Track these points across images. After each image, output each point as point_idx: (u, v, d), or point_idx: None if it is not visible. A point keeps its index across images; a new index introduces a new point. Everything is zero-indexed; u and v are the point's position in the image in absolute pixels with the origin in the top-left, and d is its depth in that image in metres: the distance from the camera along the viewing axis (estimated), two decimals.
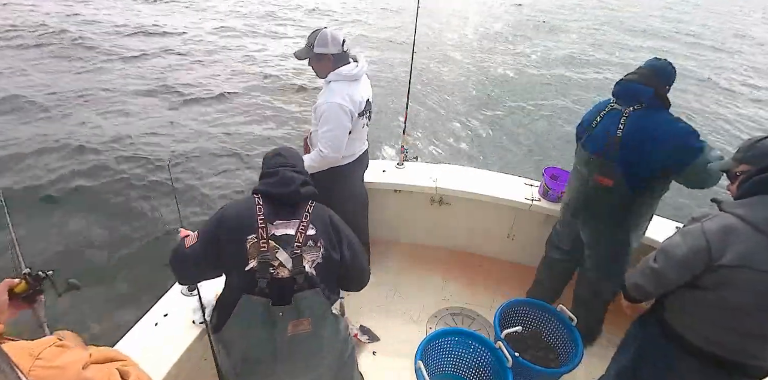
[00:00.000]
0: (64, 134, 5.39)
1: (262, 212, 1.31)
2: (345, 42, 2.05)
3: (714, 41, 14.43)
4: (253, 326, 1.30)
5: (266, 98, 7.34)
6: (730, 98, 9.06)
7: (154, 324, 1.67)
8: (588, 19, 16.32)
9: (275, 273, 1.28)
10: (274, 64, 9.03)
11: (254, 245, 1.27)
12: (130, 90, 6.97)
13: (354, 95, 2.04)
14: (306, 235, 1.31)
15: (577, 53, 11.50)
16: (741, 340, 1.28)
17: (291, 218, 1.33)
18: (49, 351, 0.72)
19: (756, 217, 1.17)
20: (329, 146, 2.03)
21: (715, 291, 1.24)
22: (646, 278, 1.39)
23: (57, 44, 8.74)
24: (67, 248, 3.70)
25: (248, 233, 1.28)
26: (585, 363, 1.82)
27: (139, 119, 6.15)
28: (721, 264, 1.19)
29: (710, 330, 1.31)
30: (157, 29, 10.64)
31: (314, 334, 1.33)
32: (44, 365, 0.69)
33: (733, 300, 1.22)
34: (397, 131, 3.01)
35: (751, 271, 1.16)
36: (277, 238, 1.29)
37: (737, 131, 7.39)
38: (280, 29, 12.10)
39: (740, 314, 1.23)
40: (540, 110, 7.61)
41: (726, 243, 1.19)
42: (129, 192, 4.53)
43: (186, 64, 8.52)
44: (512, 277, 2.73)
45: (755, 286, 1.17)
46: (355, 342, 1.68)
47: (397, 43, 10.98)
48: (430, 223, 2.91)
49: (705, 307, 1.29)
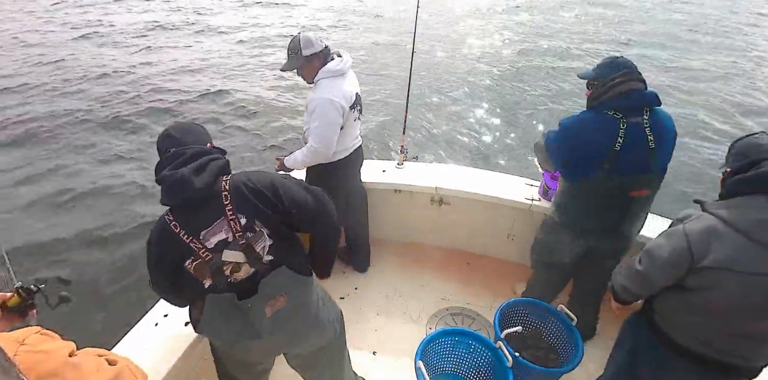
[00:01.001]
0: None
1: (180, 230, 1.16)
2: (322, 39, 2.10)
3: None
4: (226, 320, 1.26)
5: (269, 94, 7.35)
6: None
7: (154, 324, 1.67)
8: (590, 19, 16.34)
9: (232, 280, 1.23)
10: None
11: (197, 267, 1.19)
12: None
13: (343, 89, 2.08)
14: (241, 226, 1.18)
15: (577, 54, 11.51)
16: (728, 341, 1.28)
17: (214, 220, 1.17)
18: (34, 338, 0.72)
19: (737, 219, 1.18)
20: (320, 141, 2.06)
21: (700, 293, 1.25)
22: (632, 280, 1.40)
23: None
24: (67, 248, 3.70)
25: (184, 260, 1.18)
26: (585, 363, 1.82)
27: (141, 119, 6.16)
28: (703, 266, 1.20)
29: (697, 330, 1.31)
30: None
31: (292, 305, 1.30)
32: (30, 350, 0.69)
33: (717, 302, 1.22)
34: (397, 131, 3.01)
35: (732, 273, 1.17)
36: (213, 249, 1.18)
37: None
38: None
39: (725, 315, 1.24)
40: (540, 109, 7.61)
41: (708, 245, 1.19)
42: (127, 192, 4.53)
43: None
44: (512, 277, 2.73)
45: (737, 288, 1.17)
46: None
47: (397, 42, 10.98)
48: (430, 223, 2.91)
49: (691, 308, 1.30)
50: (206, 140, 1.31)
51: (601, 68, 1.82)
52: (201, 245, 1.17)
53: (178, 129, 1.29)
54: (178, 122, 1.36)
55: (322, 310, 1.44)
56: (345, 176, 2.35)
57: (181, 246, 1.17)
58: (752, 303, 1.18)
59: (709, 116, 7.17)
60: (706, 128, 6.75)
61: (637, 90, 1.72)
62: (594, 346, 2.28)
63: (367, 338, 2.34)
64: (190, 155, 1.18)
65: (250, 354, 1.43)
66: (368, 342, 2.32)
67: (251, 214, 1.19)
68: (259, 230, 1.21)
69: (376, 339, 2.34)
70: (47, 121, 5.99)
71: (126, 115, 6.28)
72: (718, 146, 6.09)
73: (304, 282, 1.32)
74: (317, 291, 1.44)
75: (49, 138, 5.54)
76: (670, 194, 4.23)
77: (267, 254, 1.24)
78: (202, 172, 1.16)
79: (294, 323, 1.34)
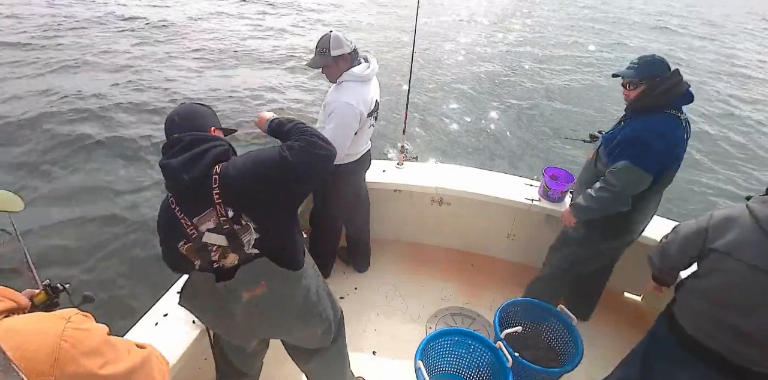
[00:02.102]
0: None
1: (179, 211, 1.21)
2: (351, 40, 2.06)
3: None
4: (207, 296, 1.30)
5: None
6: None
7: (154, 324, 1.67)
8: (593, 19, 16.34)
9: (221, 265, 1.25)
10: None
11: (188, 249, 1.23)
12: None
13: (365, 95, 2.06)
14: (228, 219, 1.20)
15: (578, 52, 11.51)
16: (733, 339, 1.26)
17: (205, 208, 1.19)
18: (78, 317, 0.77)
19: (764, 212, 1.18)
20: (332, 143, 2.04)
21: (708, 279, 1.26)
22: (655, 251, 1.49)
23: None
24: (65, 249, 3.70)
25: (178, 241, 1.23)
26: (585, 363, 1.82)
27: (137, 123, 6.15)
28: (712, 248, 1.22)
29: (703, 319, 1.31)
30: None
31: (272, 293, 1.30)
32: (76, 327, 0.73)
33: (717, 287, 1.24)
34: (397, 131, 3.02)
35: (731, 259, 1.18)
36: (200, 234, 1.23)
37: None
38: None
39: (724, 303, 1.24)
40: (541, 109, 7.61)
41: (724, 230, 1.22)
42: (126, 192, 4.53)
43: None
44: (512, 277, 2.73)
45: (733, 276, 1.18)
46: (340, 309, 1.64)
47: (397, 42, 10.98)
48: (430, 223, 2.91)
49: (698, 293, 1.31)
50: (212, 123, 1.31)
51: (643, 67, 1.77)
52: (194, 229, 1.21)
53: (182, 113, 1.28)
54: (183, 105, 1.33)
55: (315, 305, 1.43)
56: (353, 179, 2.36)
57: (179, 227, 1.21)
58: (741, 295, 1.18)
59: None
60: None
61: (687, 84, 1.74)
62: (594, 346, 2.28)
63: (367, 338, 2.34)
64: (187, 143, 1.19)
65: (232, 335, 1.47)
66: (368, 342, 2.32)
67: (239, 207, 1.20)
68: (245, 224, 1.21)
69: (376, 339, 2.34)
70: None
71: (150, 109, 6.26)
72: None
73: (288, 275, 1.30)
74: (312, 286, 1.42)
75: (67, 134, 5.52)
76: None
77: (252, 247, 1.25)
78: (195, 164, 1.17)
79: (275, 312, 1.35)
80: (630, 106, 1.84)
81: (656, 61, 1.77)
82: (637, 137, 1.71)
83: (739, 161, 6.25)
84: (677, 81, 1.72)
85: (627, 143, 1.74)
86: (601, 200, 1.81)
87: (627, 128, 1.80)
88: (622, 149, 1.75)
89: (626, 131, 1.78)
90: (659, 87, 1.72)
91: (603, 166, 1.87)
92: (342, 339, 1.70)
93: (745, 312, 1.19)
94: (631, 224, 1.94)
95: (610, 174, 1.77)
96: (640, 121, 1.77)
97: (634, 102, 1.80)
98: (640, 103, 1.78)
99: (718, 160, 6.18)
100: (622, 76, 1.81)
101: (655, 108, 1.75)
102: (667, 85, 1.71)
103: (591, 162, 2.00)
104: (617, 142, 1.78)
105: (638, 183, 1.73)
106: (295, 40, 10.95)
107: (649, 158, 1.69)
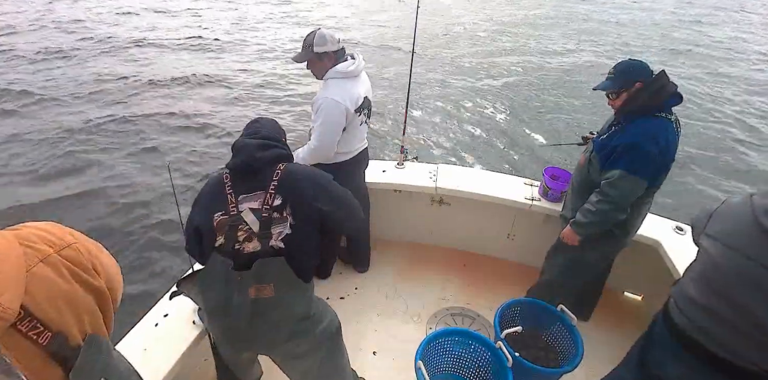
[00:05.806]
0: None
1: (230, 187, 1.32)
2: (340, 39, 2.09)
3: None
4: (214, 282, 1.31)
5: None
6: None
7: (154, 325, 1.67)
8: (596, 18, 16.34)
9: (241, 248, 1.28)
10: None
11: (221, 222, 1.29)
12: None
13: (352, 91, 2.08)
14: (272, 206, 1.29)
15: (578, 53, 11.50)
16: (715, 325, 1.21)
17: (256, 190, 1.31)
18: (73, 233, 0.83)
19: (760, 202, 1.17)
20: (320, 140, 2.08)
21: (698, 265, 1.26)
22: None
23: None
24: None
25: (216, 211, 1.30)
26: (585, 363, 1.82)
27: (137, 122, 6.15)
28: (704, 232, 1.23)
29: (691, 310, 1.27)
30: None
31: (278, 299, 1.31)
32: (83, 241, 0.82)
33: (706, 276, 1.22)
34: (398, 131, 3.02)
35: (711, 239, 1.18)
36: (240, 211, 1.30)
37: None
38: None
39: (706, 293, 1.21)
40: (541, 110, 7.61)
41: (723, 217, 1.21)
42: (126, 192, 4.53)
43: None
44: (512, 277, 2.73)
45: (719, 264, 1.16)
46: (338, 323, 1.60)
47: (397, 43, 10.98)
48: (430, 223, 2.91)
49: (687, 282, 1.29)
50: (282, 134, 1.54)
51: (620, 76, 1.76)
52: (235, 206, 1.30)
53: (264, 120, 1.53)
54: (268, 117, 1.59)
55: (311, 319, 1.43)
56: (348, 178, 2.35)
57: (223, 199, 1.31)
58: (725, 282, 1.16)
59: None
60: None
61: (675, 86, 1.73)
62: (594, 346, 2.28)
63: (367, 338, 2.34)
64: (262, 135, 1.41)
65: (231, 336, 1.43)
66: (368, 342, 2.32)
67: (287, 198, 1.30)
68: (285, 216, 1.29)
69: (376, 339, 2.34)
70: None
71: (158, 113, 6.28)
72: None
73: (296, 284, 1.33)
74: (312, 301, 1.44)
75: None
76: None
77: (279, 240, 1.29)
78: (265, 150, 1.35)
79: (275, 315, 1.35)
80: (620, 111, 1.83)
81: (632, 66, 1.76)
82: (632, 144, 1.70)
83: (728, 157, 6.24)
84: (664, 83, 1.71)
85: (622, 150, 1.73)
86: (601, 213, 1.80)
87: (621, 135, 1.77)
88: (616, 157, 1.74)
89: (620, 138, 1.76)
90: (645, 91, 1.71)
91: (596, 172, 1.87)
92: (338, 353, 1.63)
93: (730, 300, 1.17)
94: (627, 226, 1.94)
95: (607, 185, 1.76)
96: (634, 126, 1.75)
97: (623, 107, 1.79)
98: (629, 107, 1.77)
99: (704, 157, 6.19)
100: (601, 89, 1.82)
101: (646, 110, 1.74)
102: (655, 86, 1.70)
103: (583, 168, 1.97)
104: (611, 148, 1.77)
105: (635, 191, 1.73)
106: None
107: (644, 165, 1.70)
